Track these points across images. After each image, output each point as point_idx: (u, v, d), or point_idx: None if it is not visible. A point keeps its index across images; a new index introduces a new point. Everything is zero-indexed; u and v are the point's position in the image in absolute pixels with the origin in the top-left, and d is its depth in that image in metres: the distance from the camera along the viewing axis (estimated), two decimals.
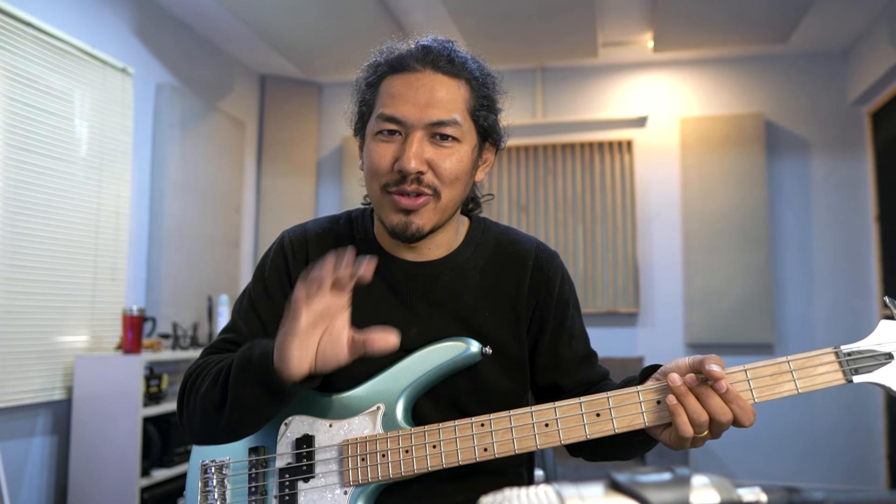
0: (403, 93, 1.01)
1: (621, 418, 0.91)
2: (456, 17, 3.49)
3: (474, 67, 1.06)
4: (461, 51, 1.07)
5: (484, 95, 1.06)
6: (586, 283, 4.26)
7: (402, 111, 1.00)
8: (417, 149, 0.99)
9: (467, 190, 1.08)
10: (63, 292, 2.87)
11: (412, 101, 1.00)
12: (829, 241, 4.11)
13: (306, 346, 0.88)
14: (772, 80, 4.25)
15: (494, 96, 1.09)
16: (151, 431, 2.88)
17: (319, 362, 0.90)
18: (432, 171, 1.00)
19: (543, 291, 1.11)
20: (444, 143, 1.01)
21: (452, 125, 1.01)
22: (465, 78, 1.04)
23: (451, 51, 1.05)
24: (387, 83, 1.04)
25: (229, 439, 1.02)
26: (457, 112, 1.02)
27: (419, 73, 1.02)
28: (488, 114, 1.07)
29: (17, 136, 2.66)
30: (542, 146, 4.41)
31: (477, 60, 1.08)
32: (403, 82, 1.02)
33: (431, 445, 0.97)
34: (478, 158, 1.08)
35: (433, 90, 1.01)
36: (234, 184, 4.17)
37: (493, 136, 1.09)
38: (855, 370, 0.87)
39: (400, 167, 0.98)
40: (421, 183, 1.00)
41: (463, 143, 1.03)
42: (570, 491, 0.38)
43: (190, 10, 3.65)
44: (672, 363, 0.91)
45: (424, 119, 1.00)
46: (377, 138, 1.02)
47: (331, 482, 1.00)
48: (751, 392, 0.88)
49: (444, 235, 1.10)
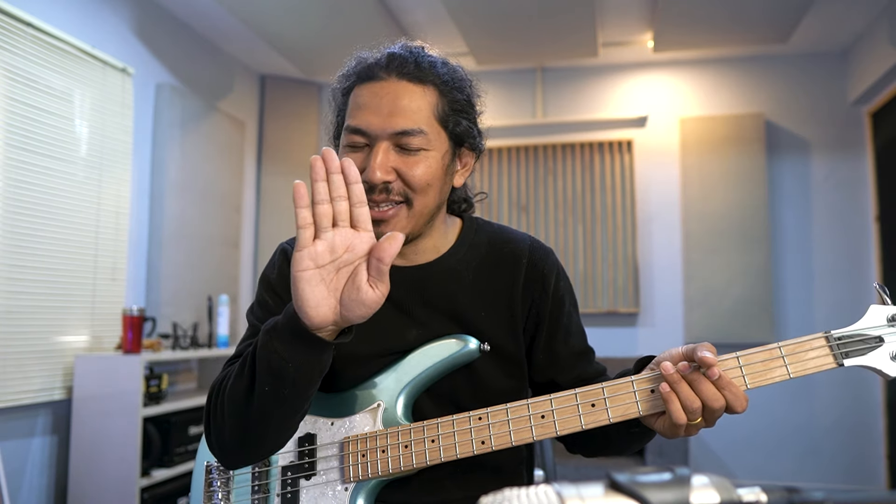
0: (368, 102, 1.00)
1: (616, 408, 0.92)
2: (456, 17, 3.49)
3: (443, 72, 1.03)
4: (431, 55, 1.05)
5: (455, 100, 1.04)
6: (586, 283, 4.26)
7: (367, 122, 0.99)
8: (382, 159, 0.98)
9: (443, 196, 1.07)
10: (63, 292, 2.87)
11: (376, 111, 0.99)
12: (829, 241, 4.11)
13: (321, 285, 0.83)
14: (772, 80, 4.25)
15: (469, 99, 1.07)
16: (151, 431, 2.88)
17: (345, 309, 0.84)
18: (401, 179, 0.99)
19: (538, 289, 1.11)
20: (411, 153, 1.00)
21: (417, 134, 0.99)
22: (432, 83, 1.02)
23: (418, 56, 1.03)
24: (355, 93, 1.03)
25: (262, 444, 0.95)
26: (422, 121, 1.00)
27: (384, 82, 1.01)
28: (460, 119, 1.04)
29: (17, 136, 2.66)
30: (542, 146, 4.41)
31: (448, 64, 1.06)
32: (369, 91, 1.01)
33: (430, 440, 0.98)
34: (452, 164, 1.06)
35: (397, 98, 0.99)
36: (234, 184, 4.17)
37: (468, 140, 1.07)
38: (845, 354, 0.89)
39: (366, 178, 0.97)
40: (390, 192, 0.99)
41: (431, 151, 1.01)
42: (570, 491, 0.38)
43: (190, 10, 3.65)
44: (666, 353, 0.92)
45: (388, 129, 0.98)
46: (346, 151, 1.02)
47: (332, 479, 1.02)
48: (743, 378, 0.89)
49: (429, 240, 1.10)
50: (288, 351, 0.86)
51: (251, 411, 0.91)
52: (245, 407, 0.91)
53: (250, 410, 0.91)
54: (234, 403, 0.93)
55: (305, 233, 0.83)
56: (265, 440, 0.95)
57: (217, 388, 0.99)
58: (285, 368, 0.87)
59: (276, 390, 0.88)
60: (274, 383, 0.88)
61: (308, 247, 0.83)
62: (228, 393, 0.94)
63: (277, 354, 0.86)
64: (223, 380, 0.99)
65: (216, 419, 0.96)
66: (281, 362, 0.86)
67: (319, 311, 0.83)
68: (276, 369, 0.87)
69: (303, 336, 0.85)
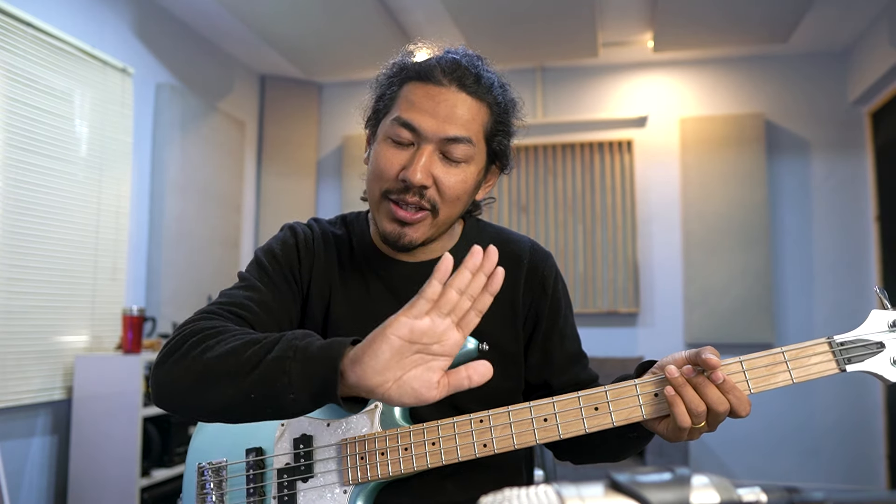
0: (424, 103, 1.00)
1: (619, 411, 0.92)
2: (456, 17, 3.49)
3: (499, 93, 1.05)
4: (490, 71, 1.06)
5: (502, 121, 1.06)
6: (586, 283, 4.26)
7: (420, 121, 0.99)
8: (426, 162, 0.99)
9: (465, 208, 1.08)
10: (63, 292, 2.87)
11: (431, 113, 0.99)
12: (829, 241, 4.11)
13: (398, 356, 0.77)
14: (772, 80, 4.25)
15: (512, 122, 1.09)
16: (151, 431, 2.88)
17: (396, 388, 0.77)
18: (436, 186, 1.00)
19: (538, 290, 1.13)
20: (453, 162, 1.01)
21: (465, 143, 1.00)
22: (487, 102, 1.03)
23: (479, 70, 1.04)
24: (409, 88, 1.03)
25: (200, 413, 0.90)
26: (472, 132, 1.01)
27: (443, 88, 1.01)
28: (502, 139, 1.07)
29: (17, 136, 2.66)
30: (542, 146, 4.41)
31: (503, 85, 1.07)
32: (426, 92, 1.01)
33: (431, 443, 0.97)
34: (482, 180, 1.09)
35: (455, 107, 1.00)
36: (234, 184, 4.17)
37: (501, 160, 1.10)
38: (848, 359, 0.89)
39: (405, 177, 0.98)
40: (423, 197, 1.00)
41: (471, 165, 1.03)
42: (570, 491, 0.38)
43: (190, 9, 3.65)
44: (669, 357, 0.92)
45: (440, 133, 0.99)
46: (388, 142, 1.02)
47: (330, 481, 1.00)
48: (747, 383, 0.90)
49: (438, 242, 1.11)
50: (300, 385, 0.81)
51: (219, 388, 0.85)
52: (214, 380, 0.85)
53: (219, 387, 0.85)
54: (207, 370, 0.86)
55: (424, 305, 0.78)
56: (204, 412, 0.90)
57: (202, 337, 0.89)
58: (284, 396, 0.82)
59: (258, 400, 0.83)
60: (263, 397, 0.83)
61: (417, 318, 0.77)
62: (210, 357, 0.86)
63: (288, 380, 0.81)
64: (215, 334, 0.89)
65: (180, 363, 0.89)
66: (285, 388, 0.81)
67: (378, 377, 0.77)
68: (274, 389, 0.82)
69: (326, 386, 0.79)
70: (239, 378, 0.83)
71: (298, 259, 1.11)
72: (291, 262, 1.10)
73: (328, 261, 1.12)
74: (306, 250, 1.11)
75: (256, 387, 0.82)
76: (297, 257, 1.10)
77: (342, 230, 1.16)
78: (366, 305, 1.09)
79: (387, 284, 1.10)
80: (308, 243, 1.12)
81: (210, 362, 0.86)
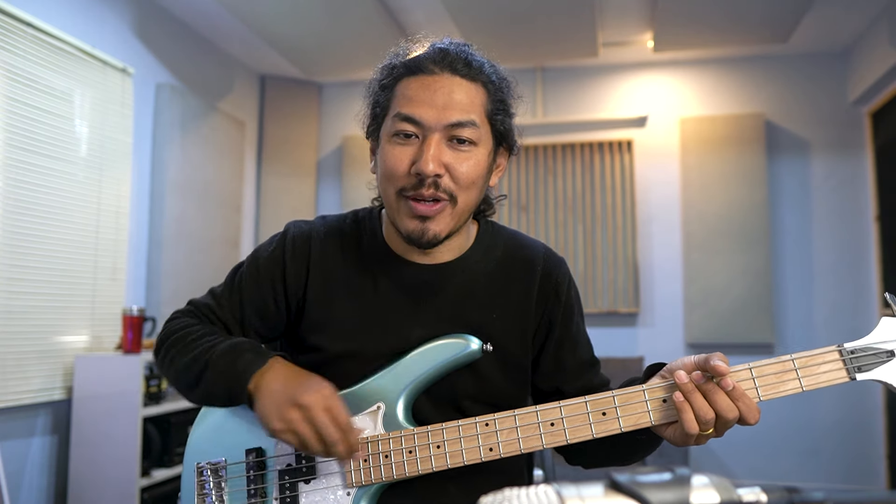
0: (421, 95, 1.00)
1: (627, 417, 0.92)
2: (456, 17, 3.49)
3: (491, 71, 1.05)
4: (477, 54, 1.06)
5: (500, 99, 1.06)
6: (586, 283, 4.26)
7: (421, 112, 0.99)
8: (436, 151, 0.98)
9: (482, 194, 1.08)
10: (63, 292, 2.87)
11: (430, 103, 0.99)
12: (829, 241, 4.11)
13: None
14: (772, 80, 4.25)
15: (510, 100, 1.08)
16: (151, 431, 2.88)
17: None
18: (449, 174, 1.00)
19: (552, 297, 1.12)
20: (462, 147, 1.00)
21: (470, 126, 1.00)
22: (481, 82, 1.03)
23: (468, 54, 1.04)
24: (403, 85, 1.03)
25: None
26: (474, 114, 1.01)
27: (436, 76, 1.01)
28: (504, 118, 1.06)
29: (17, 136, 2.66)
30: (542, 146, 4.41)
31: (493, 64, 1.07)
32: (420, 84, 1.01)
33: (435, 446, 0.97)
34: (492, 163, 1.08)
35: (451, 92, 1.00)
36: (234, 184, 4.17)
37: (507, 140, 1.09)
38: (858, 368, 0.88)
39: (418, 170, 0.98)
40: (438, 187, 0.99)
41: (479, 147, 1.02)
42: (570, 491, 0.38)
43: (190, 9, 3.65)
44: (678, 361, 0.92)
45: (443, 120, 0.99)
46: (393, 141, 1.02)
47: (333, 483, 1.00)
48: (756, 390, 0.89)
49: (457, 240, 1.10)
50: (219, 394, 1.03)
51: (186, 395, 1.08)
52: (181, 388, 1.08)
53: (186, 394, 1.08)
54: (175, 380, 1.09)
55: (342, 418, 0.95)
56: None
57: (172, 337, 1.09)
58: (216, 400, 1.06)
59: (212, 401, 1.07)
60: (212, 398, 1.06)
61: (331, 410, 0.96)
62: (173, 371, 1.08)
63: (214, 391, 1.03)
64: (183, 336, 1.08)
65: (160, 364, 1.12)
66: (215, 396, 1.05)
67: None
68: (210, 399, 1.06)
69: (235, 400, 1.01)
70: (193, 392, 1.06)
71: (283, 271, 1.11)
72: (274, 271, 1.11)
73: (331, 260, 1.11)
74: (294, 258, 1.11)
75: (203, 397, 1.06)
76: (281, 271, 1.11)
77: (352, 227, 1.15)
78: (373, 304, 1.08)
79: (396, 284, 1.09)
80: (299, 248, 1.11)
81: (172, 374, 1.09)
